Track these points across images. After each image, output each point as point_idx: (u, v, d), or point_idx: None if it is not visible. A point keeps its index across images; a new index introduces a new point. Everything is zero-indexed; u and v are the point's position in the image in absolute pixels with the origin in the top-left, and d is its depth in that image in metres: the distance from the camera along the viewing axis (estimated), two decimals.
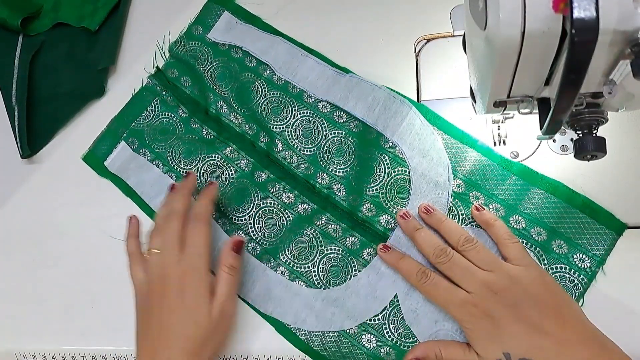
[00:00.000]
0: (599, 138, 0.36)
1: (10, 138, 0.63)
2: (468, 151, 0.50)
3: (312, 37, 0.59)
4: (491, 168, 0.49)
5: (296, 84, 0.56)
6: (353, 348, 0.47)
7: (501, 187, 0.48)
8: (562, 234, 0.47)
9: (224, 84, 0.58)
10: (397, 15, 0.58)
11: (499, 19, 0.31)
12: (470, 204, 0.48)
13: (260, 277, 0.51)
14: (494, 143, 0.51)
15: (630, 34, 0.30)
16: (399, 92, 0.53)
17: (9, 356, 0.54)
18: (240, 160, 0.55)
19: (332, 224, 0.51)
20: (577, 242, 0.46)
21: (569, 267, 0.46)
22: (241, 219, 0.53)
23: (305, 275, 0.50)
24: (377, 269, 0.49)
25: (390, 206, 0.50)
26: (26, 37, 0.68)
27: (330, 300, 0.49)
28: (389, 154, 0.51)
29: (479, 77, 0.40)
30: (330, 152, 0.53)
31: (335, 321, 0.48)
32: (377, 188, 0.51)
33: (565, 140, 0.49)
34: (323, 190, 0.52)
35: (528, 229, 0.47)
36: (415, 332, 0.46)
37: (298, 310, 0.49)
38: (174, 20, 0.64)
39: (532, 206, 0.47)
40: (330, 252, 0.50)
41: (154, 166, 0.57)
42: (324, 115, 0.54)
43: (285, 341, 0.49)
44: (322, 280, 0.50)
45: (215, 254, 0.50)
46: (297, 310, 0.49)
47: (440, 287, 0.45)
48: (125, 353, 0.52)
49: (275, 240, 0.52)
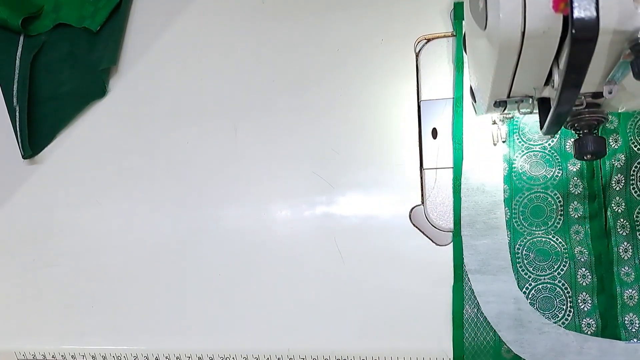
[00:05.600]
0: (599, 138, 0.36)
1: (11, 138, 0.63)
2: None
3: (312, 37, 0.59)
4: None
5: None
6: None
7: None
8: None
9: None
10: (397, 15, 0.58)
11: (499, 19, 0.31)
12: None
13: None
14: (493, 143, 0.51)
15: (630, 34, 0.30)
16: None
17: (9, 356, 0.54)
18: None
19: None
20: None
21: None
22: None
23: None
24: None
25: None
26: (27, 37, 0.68)
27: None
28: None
29: (479, 77, 0.40)
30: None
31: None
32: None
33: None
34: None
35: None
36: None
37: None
38: (174, 20, 0.64)
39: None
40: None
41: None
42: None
43: (284, 341, 0.49)
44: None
45: None
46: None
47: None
48: (125, 353, 0.52)
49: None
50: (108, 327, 0.53)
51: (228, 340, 0.51)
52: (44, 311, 0.55)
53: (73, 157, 0.61)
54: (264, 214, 0.56)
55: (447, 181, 0.52)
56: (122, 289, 0.51)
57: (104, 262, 0.55)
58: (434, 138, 0.53)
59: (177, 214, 0.58)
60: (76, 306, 0.54)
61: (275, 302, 0.53)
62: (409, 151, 0.54)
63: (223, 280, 0.55)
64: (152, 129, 0.61)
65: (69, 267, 0.56)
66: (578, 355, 0.45)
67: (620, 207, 0.47)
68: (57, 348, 0.53)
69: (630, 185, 0.47)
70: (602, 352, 0.45)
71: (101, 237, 0.56)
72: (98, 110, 0.63)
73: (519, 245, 0.49)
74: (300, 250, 0.54)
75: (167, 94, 0.62)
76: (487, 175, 0.50)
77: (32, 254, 0.58)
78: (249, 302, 0.53)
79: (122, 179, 0.60)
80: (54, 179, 0.61)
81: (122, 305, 0.51)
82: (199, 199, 0.58)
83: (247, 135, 0.58)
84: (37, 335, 0.54)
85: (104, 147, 0.62)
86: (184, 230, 0.57)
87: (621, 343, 0.45)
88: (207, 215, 0.57)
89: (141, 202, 0.59)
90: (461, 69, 0.52)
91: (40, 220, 0.59)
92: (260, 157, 0.57)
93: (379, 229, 0.53)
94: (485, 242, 0.49)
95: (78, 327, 0.54)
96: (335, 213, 0.54)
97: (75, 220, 0.58)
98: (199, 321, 0.54)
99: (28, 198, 0.61)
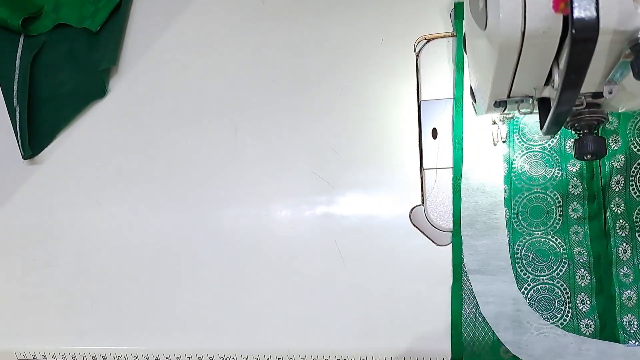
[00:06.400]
0: (599, 138, 0.36)
1: (11, 138, 0.63)
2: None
3: (312, 37, 0.59)
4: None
5: None
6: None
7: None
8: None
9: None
10: (397, 15, 0.58)
11: (499, 19, 0.31)
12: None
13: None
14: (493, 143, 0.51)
15: (630, 34, 0.30)
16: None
17: (9, 356, 0.54)
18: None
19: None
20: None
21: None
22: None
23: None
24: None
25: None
26: (27, 37, 0.68)
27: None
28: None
29: (479, 77, 0.40)
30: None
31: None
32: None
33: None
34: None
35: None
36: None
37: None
38: (174, 20, 0.64)
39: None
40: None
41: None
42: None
43: (284, 340, 0.49)
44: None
45: None
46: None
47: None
48: (125, 353, 0.52)
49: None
50: (108, 327, 0.53)
51: (228, 340, 0.51)
52: (44, 311, 0.55)
53: (73, 157, 0.61)
54: (264, 214, 0.56)
55: (447, 181, 0.52)
56: (122, 289, 0.51)
57: (104, 262, 0.55)
58: (434, 138, 0.53)
59: (177, 213, 0.58)
60: (76, 306, 0.54)
61: (275, 302, 0.53)
62: (409, 151, 0.54)
63: (223, 280, 0.55)
64: (152, 129, 0.61)
65: (69, 267, 0.56)
66: (576, 357, 0.45)
67: (620, 208, 0.47)
68: (57, 348, 0.53)
69: (629, 186, 0.47)
70: (601, 354, 0.45)
71: (101, 237, 0.56)
72: (98, 110, 0.63)
73: (518, 246, 0.49)
74: (300, 251, 0.54)
75: (167, 94, 0.62)
76: (487, 175, 0.50)
77: (32, 254, 0.58)
78: (249, 302, 0.53)
79: (122, 179, 0.60)
80: (54, 179, 0.61)
81: (122, 305, 0.51)
82: (199, 199, 0.58)
83: (247, 135, 0.58)
84: (37, 335, 0.54)
85: (104, 147, 0.62)
86: (184, 230, 0.57)
87: (620, 346, 0.45)
88: (207, 215, 0.57)
89: (141, 202, 0.59)
90: (461, 69, 0.52)
91: (40, 220, 0.59)
92: (260, 157, 0.57)
93: (379, 229, 0.53)
94: (485, 242, 0.49)
95: (78, 327, 0.54)
96: (335, 213, 0.54)
97: (75, 220, 0.58)
98: (199, 321, 0.54)
99: (28, 198, 0.61)
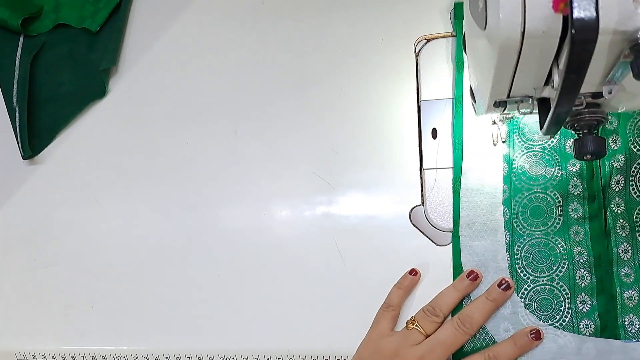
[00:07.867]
0: (599, 138, 0.36)
1: (11, 139, 0.63)
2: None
3: (312, 37, 0.59)
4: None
5: None
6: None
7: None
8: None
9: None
10: (397, 15, 0.58)
11: (499, 19, 0.31)
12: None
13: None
14: (493, 143, 0.51)
15: (630, 34, 0.30)
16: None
17: (9, 356, 0.54)
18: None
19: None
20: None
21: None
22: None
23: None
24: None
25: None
26: (27, 37, 0.68)
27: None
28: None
29: (479, 77, 0.40)
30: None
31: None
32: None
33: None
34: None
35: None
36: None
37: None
38: (174, 20, 0.64)
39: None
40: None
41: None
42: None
43: (284, 340, 0.49)
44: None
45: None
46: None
47: None
48: (125, 353, 0.52)
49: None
50: (108, 327, 0.53)
51: (228, 340, 0.51)
52: (44, 311, 0.55)
53: (73, 157, 0.61)
54: (264, 214, 0.56)
55: (447, 181, 0.52)
56: (122, 289, 0.51)
57: (104, 262, 0.55)
58: (434, 138, 0.53)
59: (177, 213, 0.58)
60: (76, 306, 0.54)
61: (275, 302, 0.53)
62: (409, 151, 0.54)
63: (223, 280, 0.55)
64: (152, 129, 0.61)
65: (69, 267, 0.56)
66: (576, 356, 0.45)
67: (620, 207, 0.47)
68: (57, 348, 0.53)
69: (629, 186, 0.47)
70: (600, 352, 0.45)
71: (101, 237, 0.56)
72: (98, 110, 0.63)
73: (518, 246, 0.49)
74: (300, 250, 0.54)
75: (167, 94, 0.62)
76: (487, 175, 0.50)
77: (32, 254, 0.58)
78: (249, 302, 0.53)
79: (122, 179, 0.60)
80: (54, 179, 0.61)
81: (122, 305, 0.51)
82: (199, 199, 0.58)
83: (247, 135, 0.58)
84: (37, 335, 0.54)
85: (104, 147, 0.62)
86: (184, 230, 0.57)
87: (618, 342, 0.45)
88: (207, 215, 0.57)
89: (141, 202, 0.59)
90: (461, 69, 0.52)
91: (40, 220, 0.59)
92: (260, 157, 0.57)
93: (379, 229, 0.53)
94: (483, 243, 0.49)
95: (78, 327, 0.54)
96: (335, 213, 0.54)
97: (75, 220, 0.58)
98: (199, 321, 0.54)
99: (28, 198, 0.61)
